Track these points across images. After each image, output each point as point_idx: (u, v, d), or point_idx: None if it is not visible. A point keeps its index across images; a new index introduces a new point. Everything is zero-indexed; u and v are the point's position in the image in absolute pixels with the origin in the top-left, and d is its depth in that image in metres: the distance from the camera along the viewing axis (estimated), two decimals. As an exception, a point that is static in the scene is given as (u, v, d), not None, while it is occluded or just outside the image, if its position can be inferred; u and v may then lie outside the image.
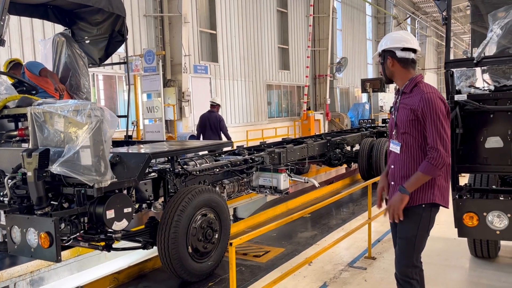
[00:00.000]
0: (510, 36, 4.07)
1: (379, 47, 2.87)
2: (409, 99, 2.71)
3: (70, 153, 3.33)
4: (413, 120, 2.66)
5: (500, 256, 4.66)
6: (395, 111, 2.83)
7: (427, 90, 2.65)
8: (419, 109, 2.62)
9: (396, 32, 2.90)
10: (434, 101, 2.60)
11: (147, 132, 10.22)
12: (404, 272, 2.73)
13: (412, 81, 2.75)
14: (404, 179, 2.70)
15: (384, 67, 2.83)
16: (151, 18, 13.35)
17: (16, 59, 5.42)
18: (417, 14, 34.84)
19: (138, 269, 4.73)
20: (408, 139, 2.71)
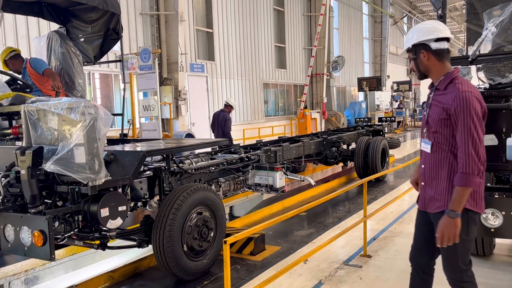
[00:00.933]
0: (505, 34, 4.08)
1: (407, 42, 2.65)
2: (442, 96, 2.52)
3: (64, 151, 3.31)
4: (445, 119, 2.49)
5: (495, 254, 4.67)
6: (427, 108, 2.65)
7: (463, 88, 2.43)
8: (451, 108, 2.43)
9: (425, 23, 2.68)
10: (470, 100, 2.38)
11: (143, 130, 10.19)
12: (454, 278, 2.60)
13: (447, 77, 2.54)
14: (435, 180, 2.59)
15: (417, 62, 2.61)
16: (147, 16, 13.31)
17: (17, 49, 5.22)
18: (414, 13, 34.91)
19: (133, 267, 4.72)
20: (439, 138, 2.55)
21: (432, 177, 2.60)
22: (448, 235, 2.41)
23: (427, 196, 2.64)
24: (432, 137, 2.58)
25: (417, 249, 2.80)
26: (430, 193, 2.62)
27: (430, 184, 2.62)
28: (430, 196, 2.62)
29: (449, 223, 2.41)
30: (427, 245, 2.73)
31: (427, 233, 2.71)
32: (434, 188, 2.59)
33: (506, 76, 3.72)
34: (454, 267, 2.56)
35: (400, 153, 13.66)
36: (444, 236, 2.42)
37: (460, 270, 2.56)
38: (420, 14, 36.25)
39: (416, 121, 28.93)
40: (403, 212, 6.63)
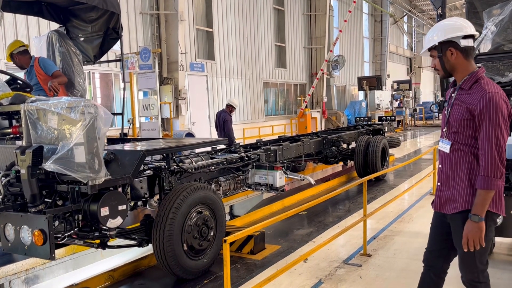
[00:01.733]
0: (505, 33, 4.09)
1: (431, 39, 2.55)
2: (466, 96, 2.46)
3: (63, 150, 3.31)
4: (468, 120, 2.43)
5: (494, 253, 4.67)
6: (449, 107, 2.58)
7: (490, 89, 2.39)
8: (477, 109, 2.37)
9: (450, 20, 2.57)
10: (497, 102, 2.34)
11: (143, 130, 10.20)
12: (470, 278, 2.58)
13: (472, 76, 2.47)
14: (452, 180, 2.56)
15: (444, 60, 2.52)
16: (147, 16, 13.32)
17: (26, 45, 5.10)
18: (414, 12, 34.90)
19: (134, 266, 4.72)
20: (459, 138, 2.51)
21: (450, 177, 2.57)
22: (473, 239, 2.39)
23: (443, 196, 2.61)
24: (452, 137, 2.54)
25: (431, 251, 2.76)
26: (447, 194, 2.59)
27: (447, 185, 2.59)
28: (446, 197, 2.59)
29: (473, 227, 2.39)
30: (442, 247, 2.71)
31: (442, 236, 2.69)
32: (451, 188, 2.56)
33: (505, 75, 3.72)
34: (471, 267, 2.54)
35: (400, 152, 13.66)
36: (469, 240, 2.41)
37: (477, 270, 2.54)
38: (420, 13, 36.23)
39: (416, 120, 28.93)
40: (403, 211, 6.63)
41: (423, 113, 30.17)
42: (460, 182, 2.52)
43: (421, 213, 6.48)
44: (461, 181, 2.52)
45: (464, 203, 2.49)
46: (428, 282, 2.78)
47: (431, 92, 42.49)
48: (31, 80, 4.97)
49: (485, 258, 2.55)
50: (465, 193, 2.49)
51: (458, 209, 2.51)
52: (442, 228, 2.68)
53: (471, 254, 2.49)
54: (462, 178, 2.51)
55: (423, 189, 7.93)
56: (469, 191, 2.48)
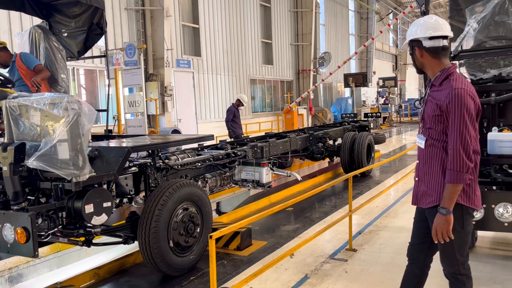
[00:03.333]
0: (487, 30, 4.14)
1: (407, 36, 2.66)
2: (437, 92, 2.54)
3: (46, 147, 3.27)
4: (438, 116, 2.50)
5: (477, 247, 4.75)
6: (424, 104, 2.66)
7: (457, 85, 2.44)
8: (444, 105, 2.45)
9: (423, 18, 2.65)
10: (463, 98, 2.39)
11: (129, 126, 10.11)
12: (451, 271, 2.63)
13: (443, 73, 2.54)
14: (427, 175, 2.61)
15: (413, 58, 2.64)
16: (132, 12, 13.18)
17: (3, 42, 5.10)
18: (399, 10, 35.15)
19: (119, 264, 4.69)
20: (433, 134, 2.57)
21: (425, 172, 2.63)
22: (442, 231, 2.45)
23: (420, 191, 2.67)
24: (427, 132, 2.60)
25: (414, 245, 2.82)
26: (423, 188, 2.65)
27: (423, 179, 2.65)
28: (422, 191, 2.65)
29: (441, 220, 2.45)
30: (423, 241, 2.76)
31: (423, 230, 2.74)
32: (427, 183, 2.62)
33: (487, 71, 3.78)
34: (451, 260, 2.59)
35: (385, 149, 13.80)
36: (438, 233, 2.47)
37: (458, 263, 2.58)
38: (406, 10, 36.50)
39: (402, 117, 29.22)
40: (388, 207, 6.71)
41: (408, 110, 30.50)
42: (434, 176, 2.57)
43: (406, 208, 6.55)
44: (435, 176, 2.57)
45: (438, 197, 2.54)
46: (412, 276, 2.83)
47: (416, 88, 42.93)
48: (14, 76, 4.89)
49: (464, 251, 2.59)
50: (439, 188, 2.54)
51: (433, 203, 2.57)
52: (422, 222, 2.73)
53: (451, 247, 2.54)
54: (436, 173, 2.57)
55: (408, 184, 8.02)
56: (443, 186, 2.52)
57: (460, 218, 2.53)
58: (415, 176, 2.74)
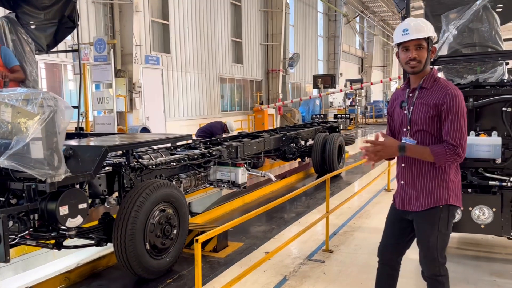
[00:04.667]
0: (461, 37, 4.25)
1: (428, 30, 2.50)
2: (429, 94, 2.53)
3: (19, 146, 3.09)
4: (433, 117, 2.51)
5: (448, 247, 4.83)
6: (410, 106, 2.61)
7: (452, 86, 2.52)
8: (444, 105, 2.46)
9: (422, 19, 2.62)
10: (460, 97, 2.47)
11: (97, 124, 9.80)
12: (432, 271, 2.67)
13: (431, 76, 2.57)
14: (418, 179, 2.60)
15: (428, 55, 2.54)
16: (100, 5, 12.80)
17: None
18: (366, 13, 35.90)
19: (91, 267, 4.52)
20: (424, 136, 2.56)
21: (415, 176, 2.61)
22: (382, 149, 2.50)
23: (409, 195, 2.65)
24: (417, 135, 2.58)
25: (387, 245, 2.83)
26: (412, 192, 2.63)
27: (412, 183, 2.62)
28: (412, 195, 2.63)
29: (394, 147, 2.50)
30: (399, 242, 2.79)
31: (400, 231, 2.77)
32: (417, 186, 2.61)
33: (464, 77, 3.87)
34: (433, 262, 2.62)
35: (353, 150, 14.02)
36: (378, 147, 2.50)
37: (439, 264, 2.63)
38: (372, 14, 37.34)
39: (367, 118, 29.84)
40: (361, 208, 6.80)
41: (373, 112, 31.19)
42: (427, 180, 2.57)
43: (378, 209, 6.66)
44: (427, 179, 2.57)
45: (431, 200, 2.56)
46: (385, 277, 2.88)
47: (381, 91, 43.96)
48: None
49: (444, 253, 2.66)
50: (432, 191, 2.56)
51: (425, 206, 2.58)
52: (400, 223, 2.75)
53: (434, 249, 2.59)
54: (428, 176, 2.57)
55: (378, 185, 8.16)
56: (435, 189, 2.55)
57: (446, 220, 2.58)
58: (400, 180, 2.72)
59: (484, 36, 4.28)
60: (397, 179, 2.74)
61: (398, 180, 2.73)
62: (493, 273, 4.18)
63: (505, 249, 4.83)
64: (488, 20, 4.30)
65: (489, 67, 3.90)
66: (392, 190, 7.98)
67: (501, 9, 4.86)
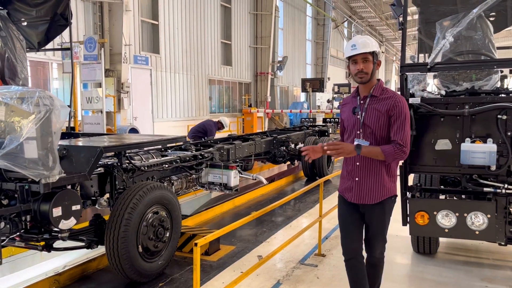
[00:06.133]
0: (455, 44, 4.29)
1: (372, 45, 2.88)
2: (380, 102, 2.92)
3: (12, 145, 3.01)
4: (386, 122, 2.89)
5: (439, 252, 4.92)
6: (362, 112, 2.97)
7: (398, 95, 2.95)
8: (393, 111, 2.86)
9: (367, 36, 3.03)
10: (406, 105, 2.92)
11: (85, 124, 9.65)
12: (380, 254, 3.12)
13: (379, 86, 2.98)
14: (372, 175, 2.95)
15: (374, 67, 2.94)
16: (89, 3, 12.65)
17: None
18: (354, 18, 36.22)
19: (81, 269, 4.43)
20: (377, 138, 2.92)
21: (369, 173, 2.96)
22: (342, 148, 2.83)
23: (364, 190, 2.98)
24: (370, 137, 2.93)
25: (352, 239, 3.10)
26: (367, 187, 2.97)
27: (366, 179, 2.97)
28: (367, 189, 2.97)
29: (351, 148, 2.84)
30: (359, 233, 3.11)
31: (358, 223, 3.09)
32: (371, 182, 2.96)
33: (460, 84, 3.91)
34: (384, 241, 3.09)
35: (341, 153, 14.08)
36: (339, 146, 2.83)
37: (384, 246, 3.12)
38: (360, 19, 37.67)
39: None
40: (351, 211, 6.81)
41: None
42: (379, 176, 2.95)
43: (368, 213, 6.68)
44: (379, 176, 2.95)
45: (384, 193, 2.96)
46: (357, 269, 3.12)
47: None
48: None
49: None
50: (386, 185, 2.96)
51: (380, 198, 2.96)
52: (354, 217, 3.09)
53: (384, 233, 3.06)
54: (380, 173, 2.95)
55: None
56: (386, 184, 2.96)
57: (391, 208, 3.05)
58: (354, 177, 3.02)
59: (477, 44, 4.33)
60: (350, 177, 3.05)
61: (351, 177, 3.03)
62: (484, 278, 4.23)
63: (493, 255, 4.90)
64: (482, 28, 4.36)
65: (484, 75, 3.95)
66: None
67: (494, 17, 4.94)
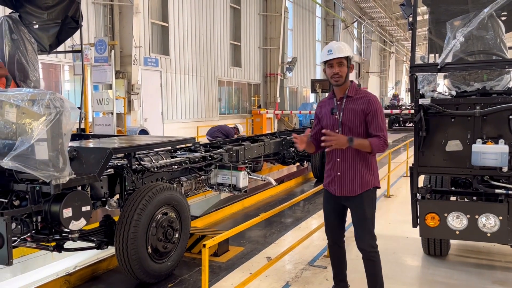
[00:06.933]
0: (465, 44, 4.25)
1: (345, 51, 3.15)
2: (355, 101, 3.22)
3: (23, 147, 3.05)
4: (362, 120, 3.19)
5: (450, 255, 4.87)
6: (340, 112, 3.26)
7: (370, 94, 3.29)
8: (369, 109, 3.16)
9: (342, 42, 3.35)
10: (378, 102, 3.26)
11: (96, 125, 9.73)
12: (372, 245, 3.31)
13: (353, 87, 3.27)
14: (352, 170, 3.24)
15: (349, 70, 3.22)
16: (100, 6, 12.76)
17: None
18: (364, 19, 36.06)
19: (91, 270, 4.47)
20: (354, 135, 3.18)
21: (350, 167, 3.24)
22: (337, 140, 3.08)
23: (345, 183, 3.26)
24: (349, 134, 3.18)
25: (333, 227, 3.49)
26: (348, 180, 3.25)
27: (347, 173, 3.25)
28: (349, 182, 3.25)
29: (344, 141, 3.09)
30: (341, 223, 3.48)
31: (340, 213, 3.44)
32: (352, 175, 3.24)
33: (471, 84, 3.87)
34: (370, 232, 3.29)
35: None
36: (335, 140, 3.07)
37: (373, 237, 3.32)
38: (370, 20, 37.49)
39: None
40: (361, 213, 6.77)
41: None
42: (359, 169, 3.23)
43: (378, 215, 6.48)
44: (359, 170, 3.23)
45: (365, 185, 3.24)
46: (337, 252, 3.58)
47: (378, 96, 44.08)
48: None
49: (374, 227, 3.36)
50: (364, 178, 3.23)
51: (361, 190, 3.24)
52: (339, 208, 3.41)
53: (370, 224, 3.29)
54: (359, 167, 3.23)
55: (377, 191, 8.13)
56: (365, 176, 3.23)
57: (374, 199, 3.33)
58: (336, 172, 3.30)
59: (489, 44, 4.28)
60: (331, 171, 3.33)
61: (334, 172, 3.31)
62: (496, 281, 4.18)
63: (505, 257, 4.83)
64: (493, 28, 4.31)
65: (495, 75, 3.90)
66: (392, 196, 7.98)
67: (506, 17, 4.88)
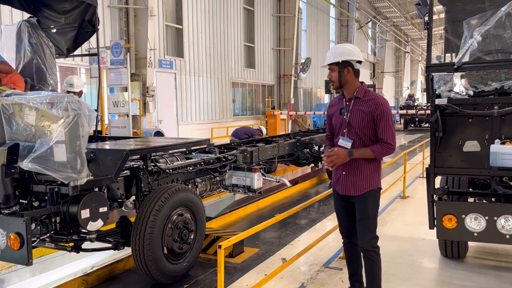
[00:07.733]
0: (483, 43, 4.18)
1: (336, 56, 3.22)
2: (363, 104, 3.22)
3: (42, 149, 3.11)
4: (369, 122, 3.19)
5: (468, 257, 4.80)
6: (348, 113, 3.28)
7: (379, 96, 3.27)
8: (376, 112, 3.17)
9: (347, 45, 3.37)
10: (387, 104, 3.23)
11: (112, 127, 9.85)
12: (372, 244, 3.29)
13: (361, 89, 3.27)
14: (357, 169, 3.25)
15: (341, 75, 3.23)
16: (115, 10, 12.92)
17: None
18: (378, 19, 35.80)
19: (108, 270, 4.52)
20: (362, 136, 3.23)
21: (354, 167, 3.26)
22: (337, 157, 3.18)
23: (349, 182, 3.29)
24: (355, 136, 3.24)
25: (347, 227, 3.49)
26: (352, 180, 3.28)
27: (352, 173, 3.27)
28: (352, 182, 3.28)
29: (344, 155, 3.18)
30: (353, 222, 3.40)
31: (350, 211, 3.41)
32: (356, 175, 3.26)
33: (489, 84, 3.81)
34: (371, 232, 3.27)
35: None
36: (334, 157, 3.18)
37: (375, 237, 3.30)
38: (384, 19, 37.20)
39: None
40: (376, 214, 6.72)
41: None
42: (362, 170, 3.25)
43: (394, 216, 6.59)
44: (363, 169, 3.25)
45: (368, 185, 3.25)
46: (353, 250, 3.55)
47: (392, 96, 43.70)
48: None
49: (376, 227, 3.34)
50: (367, 178, 3.25)
51: (365, 190, 3.25)
52: (346, 207, 3.41)
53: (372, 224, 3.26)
54: (363, 167, 3.25)
55: (393, 192, 8.08)
56: (370, 176, 3.25)
57: (377, 199, 3.32)
58: (342, 171, 3.34)
59: (507, 43, 4.21)
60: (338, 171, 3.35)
61: (340, 172, 3.34)
62: (515, 284, 4.11)
63: (525, 260, 4.75)
64: (511, 27, 4.24)
65: (514, 74, 3.84)
66: (408, 197, 7.90)
67: (524, 15, 4.79)
